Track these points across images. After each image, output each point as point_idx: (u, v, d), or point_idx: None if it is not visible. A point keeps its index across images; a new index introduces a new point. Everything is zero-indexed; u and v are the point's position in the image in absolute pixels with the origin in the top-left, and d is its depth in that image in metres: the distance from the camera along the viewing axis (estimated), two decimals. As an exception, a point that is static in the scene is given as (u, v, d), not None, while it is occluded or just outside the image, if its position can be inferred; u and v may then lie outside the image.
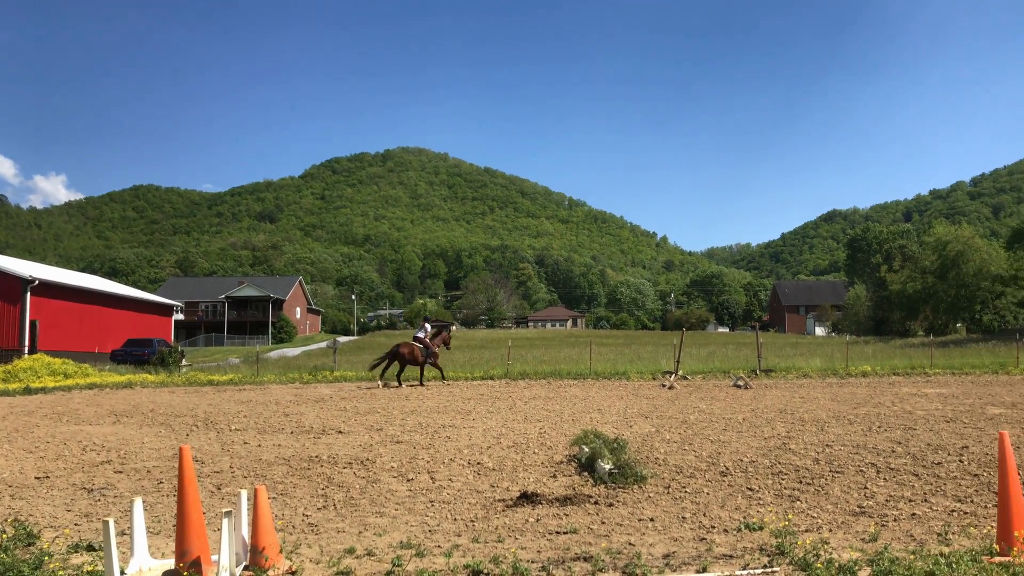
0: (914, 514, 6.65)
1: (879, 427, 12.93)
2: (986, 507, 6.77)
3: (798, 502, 7.25)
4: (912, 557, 5.00)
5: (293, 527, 7.05)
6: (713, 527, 6.37)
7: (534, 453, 10.75)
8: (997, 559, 4.87)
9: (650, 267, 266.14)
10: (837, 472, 8.79)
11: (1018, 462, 9.13)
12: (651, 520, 6.72)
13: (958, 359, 31.46)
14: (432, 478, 9.17)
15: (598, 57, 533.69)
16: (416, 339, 25.68)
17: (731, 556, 5.40)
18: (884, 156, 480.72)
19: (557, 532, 6.44)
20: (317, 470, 9.87)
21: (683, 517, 6.78)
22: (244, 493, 5.74)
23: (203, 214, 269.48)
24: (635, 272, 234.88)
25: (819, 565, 4.76)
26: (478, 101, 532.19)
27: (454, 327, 26.67)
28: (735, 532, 6.13)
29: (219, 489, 8.89)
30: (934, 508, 6.86)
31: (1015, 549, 4.83)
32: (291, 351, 60.79)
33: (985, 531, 5.74)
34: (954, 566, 4.74)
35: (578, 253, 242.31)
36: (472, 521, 7.00)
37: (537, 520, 6.92)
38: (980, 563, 4.82)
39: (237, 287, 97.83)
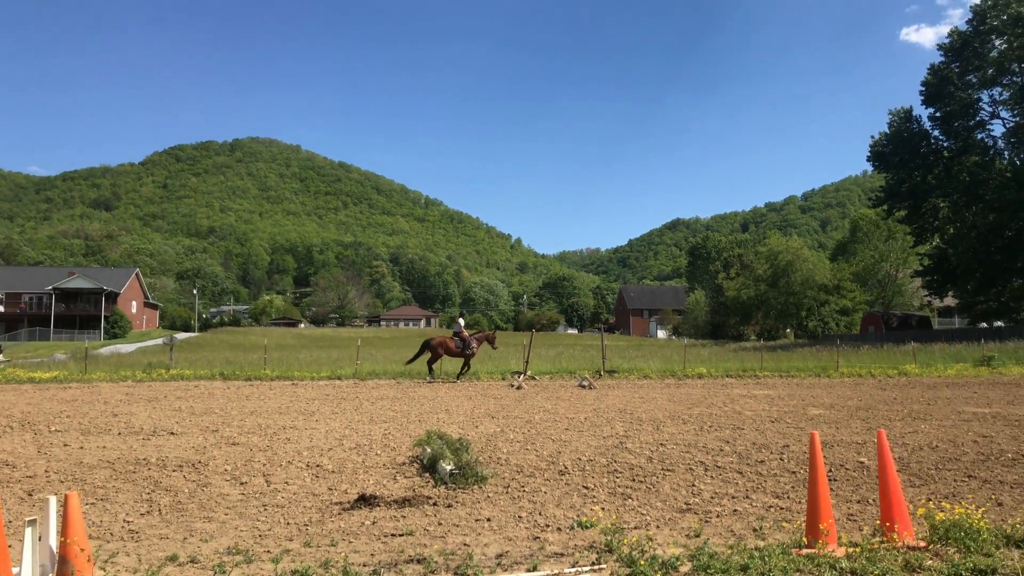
0: (736, 510, 7.00)
1: (710, 427, 13.58)
2: (800, 502, 7.21)
3: (630, 500, 7.49)
4: (729, 551, 5.25)
5: (112, 535, 6.62)
6: (548, 526, 6.46)
7: (377, 455, 10.60)
8: (804, 551, 5.19)
9: (504, 268, 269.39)
10: (668, 470, 9.15)
11: (834, 459, 9.83)
12: (488, 520, 6.75)
13: (785, 362, 33.54)
14: (267, 481, 8.85)
15: (458, 60, 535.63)
16: (455, 334, 27.23)
17: (562, 554, 5.49)
18: (725, 169, 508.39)
19: (393, 534, 6.36)
20: (144, 473, 9.32)
21: (519, 516, 6.85)
22: (52, 499, 5.32)
23: (30, 199, 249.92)
24: (490, 273, 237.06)
25: (643, 562, 4.92)
26: (334, 94, 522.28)
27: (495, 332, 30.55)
28: (568, 530, 6.25)
29: (30, 495, 8.23)
30: (754, 504, 7.25)
31: (820, 541, 5.16)
32: (125, 347, 57.35)
33: (796, 525, 6.10)
34: (766, 559, 5.01)
35: (434, 252, 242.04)
36: (306, 525, 6.80)
37: (373, 523, 6.80)
38: (789, 555, 5.12)
39: (66, 278, 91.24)
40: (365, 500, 7.67)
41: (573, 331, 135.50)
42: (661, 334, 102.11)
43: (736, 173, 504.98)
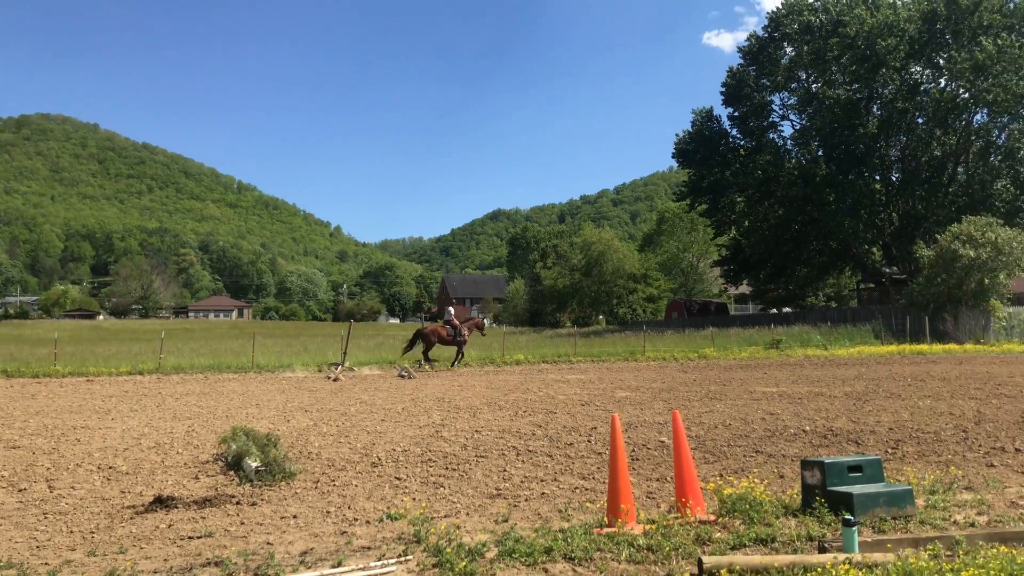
0: (544, 493, 7.16)
1: (525, 412, 13.87)
2: (604, 483, 7.47)
3: (442, 488, 7.49)
4: (535, 535, 5.35)
5: None
6: (356, 520, 6.33)
7: (178, 454, 10.01)
8: (606, 530, 5.38)
9: (323, 257, 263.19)
10: (482, 457, 9.24)
11: (638, 439, 10.29)
12: (294, 517, 6.53)
13: (597, 348, 34.91)
14: (50, 487, 8.13)
15: (273, 36, 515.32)
16: (446, 322, 27.77)
17: (369, 548, 5.39)
18: (543, 163, 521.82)
19: (191, 537, 6.00)
20: (-101, 486, 8.29)
21: (328, 512, 6.67)
22: None
23: None
24: (307, 262, 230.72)
25: (450, 550, 4.91)
26: (136, 68, 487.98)
27: (485, 320, 30.20)
28: (377, 523, 6.15)
29: None
30: (562, 486, 7.45)
31: (619, 520, 5.37)
32: None
33: (599, 505, 6.32)
34: (569, 540, 5.15)
35: (247, 240, 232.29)
36: (92, 532, 6.29)
37: (169, 526, 6.40)
38: (591, 535, 5.29)
39: None
40: (162, 502, 7.20)
41: (395, 321, 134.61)
42: (486, 323, 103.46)
43: (554, 167, 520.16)
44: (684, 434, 6.17)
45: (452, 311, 29.14)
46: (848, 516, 4.84)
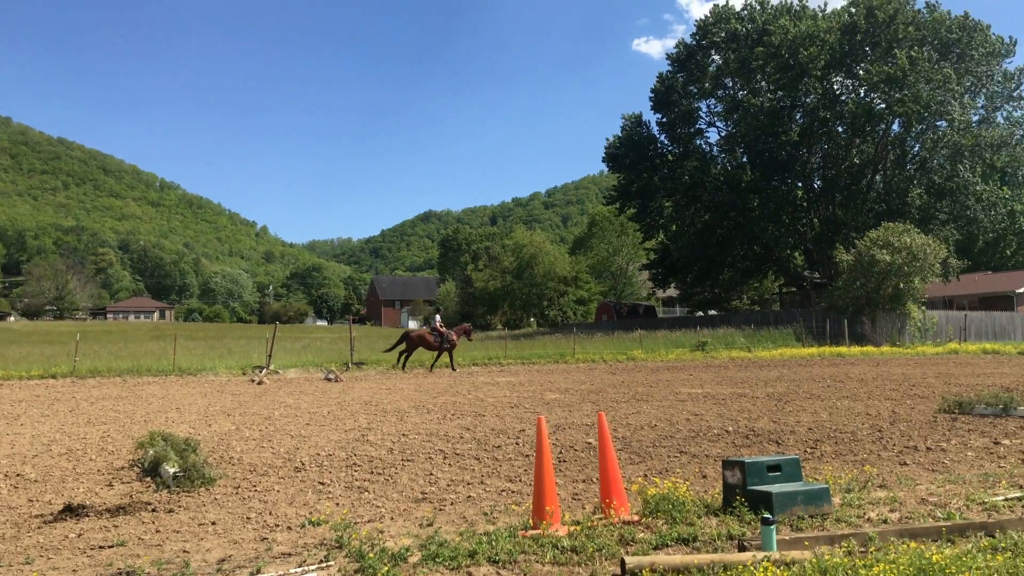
0: (470, 496, 7.12)
1: (453, 415, 13.81)
2: (531, 485, 7.46)
3: (367, 493, 7.38)
4: (459, 538, 5.31)
5: None
6: (278, 526, 6.18)
7: (91, 460, 9.64)
8: (530, 532, 5.37)
9: (249, 257, 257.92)
10: (408, 460, 9.15)
11: (565, 441, 10.33)
12: (213, 524, 6.34)
13: (528, 350, 35.04)
14: (-49, 497, 7.72)
15: (194, 30, 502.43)
16: (432, 328, 28.04)
17: (290, 554, 5.27)
18: (475, 164, 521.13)
19: (102, 546, 5.76)
20: None
21: (248, 518, 6.50)
22: None
23: None
24: (233, 262, 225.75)
25: (372, 555, 4.83)
26: (52, 59, 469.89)
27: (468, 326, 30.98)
28: (299, 529, 6.02)
29: None
30: (488, 489, 7.42)
31: (544, 522, 5.37)
32: None
33: (525, 507, 6.31)
34: (494, 543, 5.12)
35: (169, 240, 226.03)
36: (-5, 544, 5.99)
37: (79, 535, 6.14)
38: (516, 538, 5.27)
39: None
40: (72, 510, 6.91)
41: (323, 323, 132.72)
42: (413, 324, 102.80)
43: (486, 169, 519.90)
44: (609, 436, 6.21)
45: (439, 318, 29.21)
46: (767, 515, 4.93)
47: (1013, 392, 13.61)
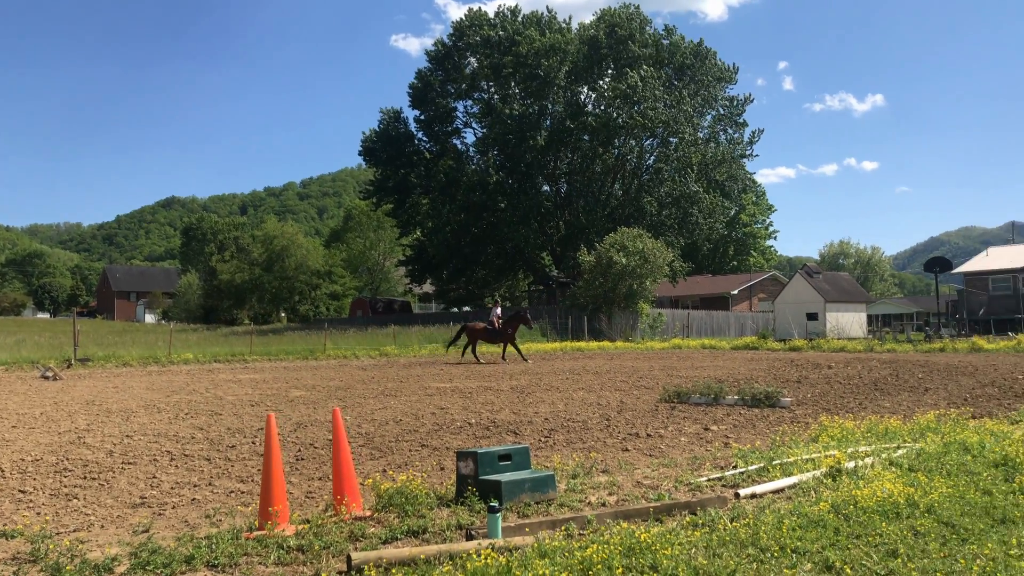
0: (195, 499, 6.70)
1: (187, 414, 12.99)
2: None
3: (76, 500, 6.71)
4: (176, 544, 4.96)
5: None
6: (-40, 543, 5.44)
7: None
8: (256, 534, 5.14)
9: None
10: (130, 463, 8.46)
11: (307, 439, 10.04)
12: None
13: (276, 346, 33.85)
14: None
15: None
16: (489, 322, 28.13)
17: (-28, 575, 4.65)
18: (225, 150, 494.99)
19: None
20: None
21: (-76, 536, 5.66)
22: None
23: None
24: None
25: (70, 568, 4.38)
26: None
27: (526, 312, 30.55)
28: (-14, 545, 5.34)
29: None
30: (216, 491, 7.02)
31: (270, 523, 5.16)
32: None
33: (252, 508, 6.04)
34: (214, 547, 4.84)
35: None
36: None
37: None
38: (239, 540, 5.01)
39: None
40: None
41: (45, 315, 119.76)
42: (150, 318, 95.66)
43: (237, 155, 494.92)
44: (344, 432, 6.10)
45: (498, 311, 29.34)
46: (494, 503, 5.07)
47: (723, 383, 15.13)
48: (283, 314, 74.34)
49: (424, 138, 60.39)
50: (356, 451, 8.99)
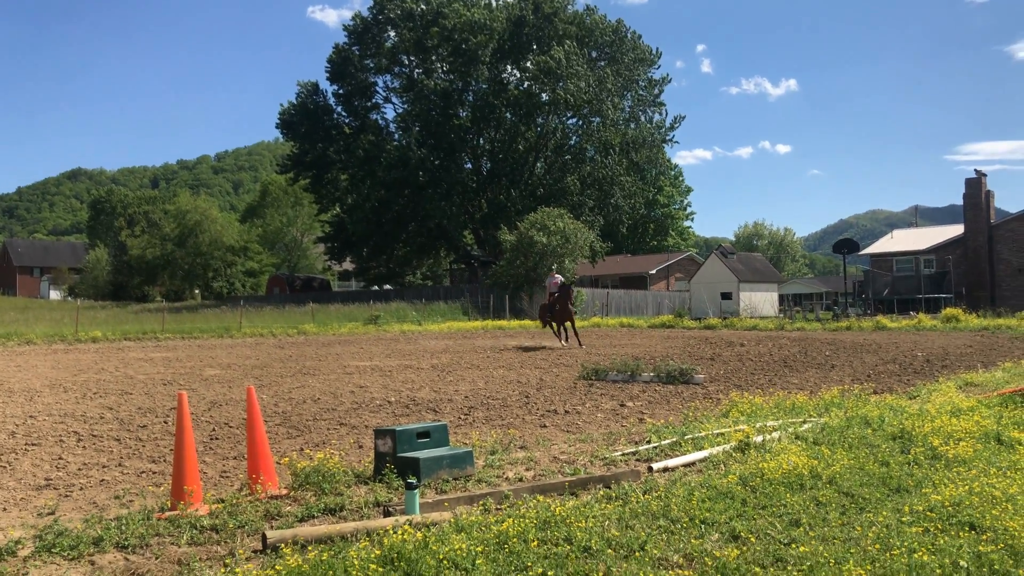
0: (103, 480, 6.53)
1: (95, 393, 12.60)
2: (176, 464, 7.04)
3: (-25, 484, 6.46)
4: (83, 526, 4.84)
5: None
6: None
7: None
8: (168, 514, 5.05)
9: None
10: (34, 445, 8.16)
11: (222, 418, 9.86)
12: None
13: (189, 324, 32.97)
14: None
15: None
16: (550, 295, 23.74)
17: None
18: (135, 120, 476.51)
19: None
20: None
21: None
22: None
23: None
24: None
25: (-31, 553, 4.24)
26: None
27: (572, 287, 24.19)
28: None
29: None
30: (126, 472, 6.86)
31: (182, 502, 5.07)
32: None
33: (163, 489, 5.93)
34: (124, 528, 4.74)
35: None
36: None
37: None
38: (150, 521, 4.92)
39: None
40: None
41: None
42: (55, 295, 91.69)
43: (147, 126, 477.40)
44: (259, 411, 6.03)
45: (558, 278, 24.10)
46: (412, 480, 5.09)
47: (640, 360, 15.44)
48: (197, 291, 72.27)
49: (343, 113, 59.39)
50: (273, 430, 8.88)
